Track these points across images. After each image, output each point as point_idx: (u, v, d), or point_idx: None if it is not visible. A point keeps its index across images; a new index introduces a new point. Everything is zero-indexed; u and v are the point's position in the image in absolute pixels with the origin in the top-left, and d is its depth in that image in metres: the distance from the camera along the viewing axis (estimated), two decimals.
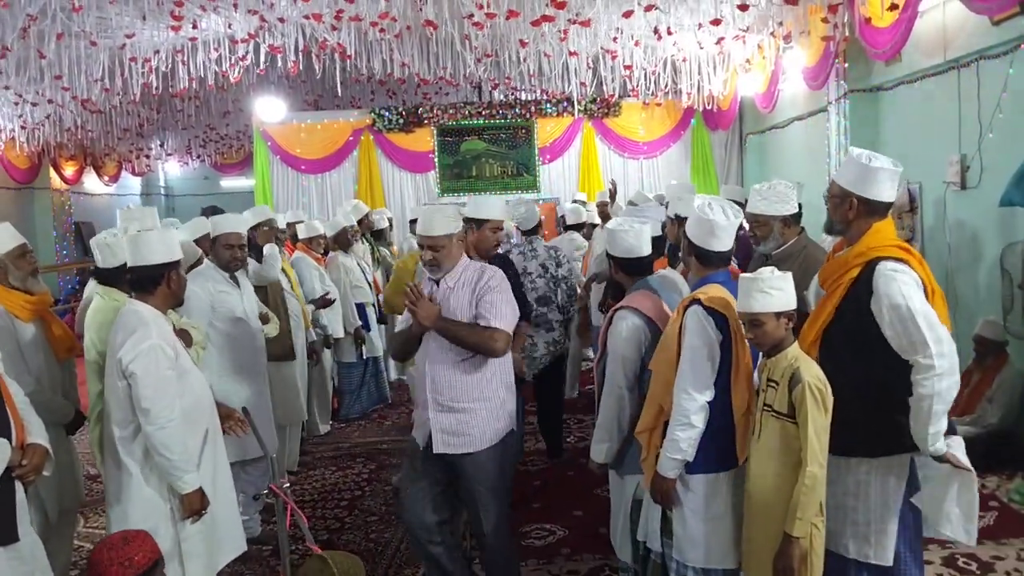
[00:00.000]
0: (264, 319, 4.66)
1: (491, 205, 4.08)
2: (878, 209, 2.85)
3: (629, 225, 3.34)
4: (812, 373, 2.61)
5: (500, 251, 4.41)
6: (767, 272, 2.65)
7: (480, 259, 3.88)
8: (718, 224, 2.95)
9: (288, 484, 2.90)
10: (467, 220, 4.01)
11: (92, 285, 4.00)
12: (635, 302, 3.18)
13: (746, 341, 2.79)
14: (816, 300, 3.06)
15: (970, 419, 5.36)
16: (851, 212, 2.87)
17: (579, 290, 5.96)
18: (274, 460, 2.95)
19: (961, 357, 2.88)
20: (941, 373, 2.63)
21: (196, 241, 4.73)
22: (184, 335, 3.56)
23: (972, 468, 2.76)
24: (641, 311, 3.15)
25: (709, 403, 2.78)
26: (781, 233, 3.65)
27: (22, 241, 3.68)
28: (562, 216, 8.65)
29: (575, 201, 9.08)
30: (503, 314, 3.31)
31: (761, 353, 2.79)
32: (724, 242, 2.97)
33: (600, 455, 3.30)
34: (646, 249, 3.32)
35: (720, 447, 2.83)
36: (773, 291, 2.62)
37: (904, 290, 2.69)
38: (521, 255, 5.53)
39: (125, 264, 3.25)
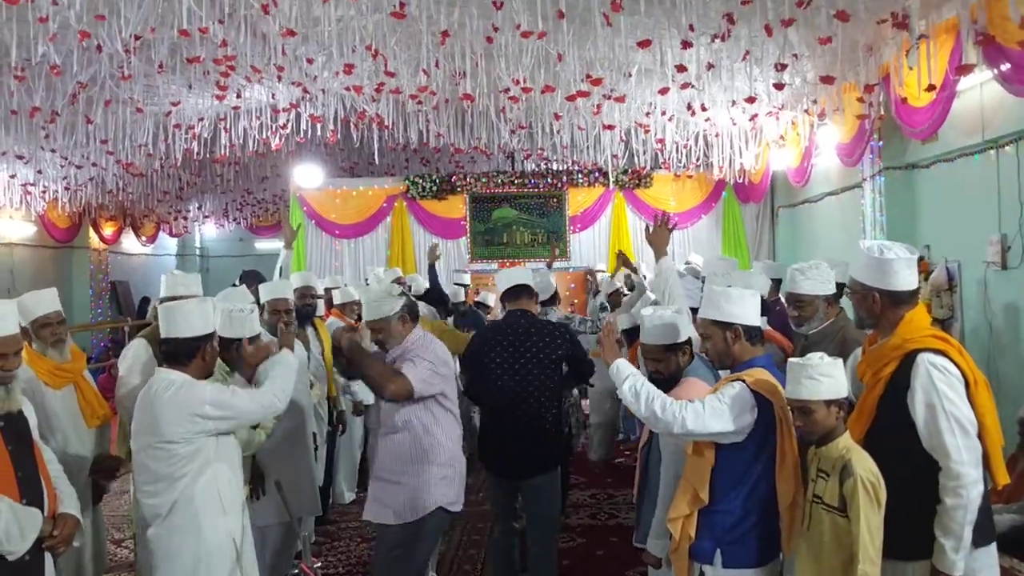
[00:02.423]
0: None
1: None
2: (904, 298, 2.79)
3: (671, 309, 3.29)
4: (865, 466, 2.52)
5: None
6: (816, 358, 2.59)
7: None
8: (757, 299, 2.92)
9: (319, 564, 2.83)
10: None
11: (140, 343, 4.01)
12: (696, 390, 3.09)
13: (792, 429, 2.70)
14: (854, 389, 2.99)
15: (1016, 507, 5.16)
16: (876, 306, 2.82)
17: None
18: (305, 538, 2.88)
19: (1005, 440, 2.80)
20: (972, 482, 2.58)
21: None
22: None
23: None
24: None
25: (749, 493, 2.69)
26: (825, 313, 3.57)
27: (51, 311, 3.69)
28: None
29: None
30: (414, 374, 3.51)
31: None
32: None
33: (659, 550, 3.14)
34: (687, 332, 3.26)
35: (762, 537, 2.73)
36: (823, 378, 2.55)
37: (941, 388, 2.62)
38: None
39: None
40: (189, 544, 3.01)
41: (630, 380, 2.82)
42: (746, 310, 2.89)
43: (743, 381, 2.74)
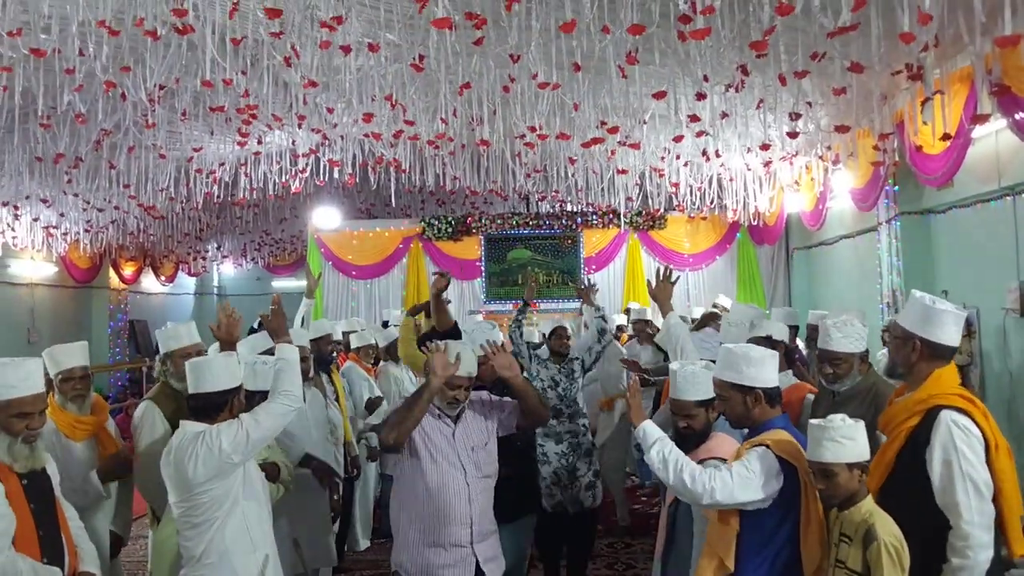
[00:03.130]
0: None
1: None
2: (942, 354, 2.80)
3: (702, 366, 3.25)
4: (888, 531, 2.49)
5: None
6: (838, 420, 2.58)
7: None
8: (776, 359, 2.91)
9: None
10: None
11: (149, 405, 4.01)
12: (726, 445, 3.06)
13: (817, 492, 2.67)
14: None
15: None
16: (914, 354, 2.82)
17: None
18: None
19: None
20: (980, 544, 2.56)
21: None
22: (272, 469, 3.56)
23: None
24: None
25: (773, 560, 2.66)
26: (860, 371, 3.48)
27: (76, 365, 3.73)
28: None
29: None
30: None
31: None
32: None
33: None
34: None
35: None
36: (845, 440, 2.53)
37: (960, 447, 2.61)
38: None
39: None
40: None
41: (658, 446, 2.78)
42: (766, 372, 2.86)
43: (767, 446, 2.71)
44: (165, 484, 3.04)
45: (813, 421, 2.65)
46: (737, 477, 2.65)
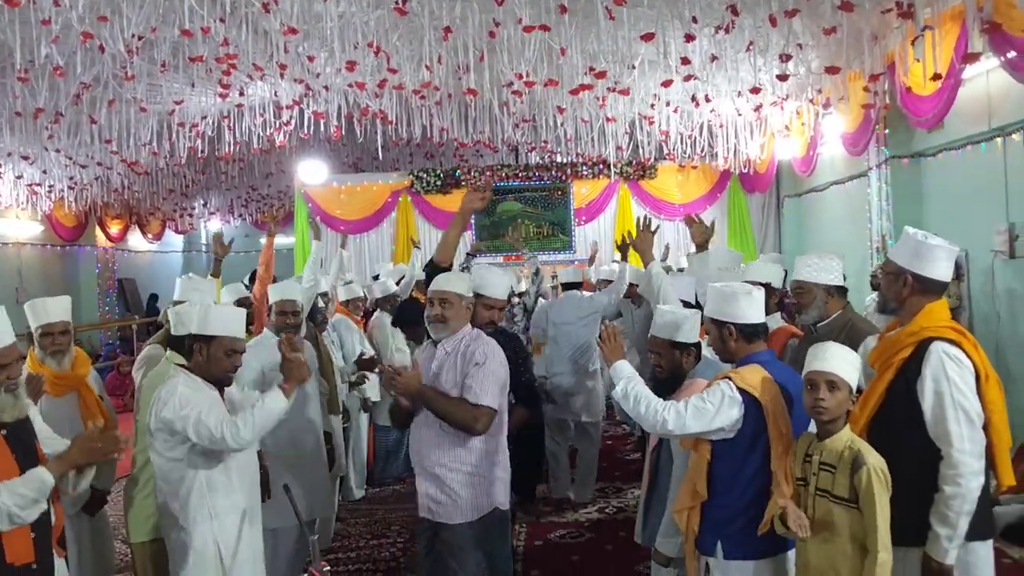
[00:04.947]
0: None
1: (494, 283, 3.84)
2: (933, 288, 2.80)
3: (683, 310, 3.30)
4: (875, 456, 2.53)
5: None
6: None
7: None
8: (756, 297, 2.93)
9: (328, 568, 2.81)
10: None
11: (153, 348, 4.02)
12: (697, 390, 3.10)
13: (785, 421, 2.72)
14: (865, 379, 2.98)
15: None
16: (905, 289, 2.82)
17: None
18: (315, 543, 2.86)
19: (1013, 429, 2.81)
20: (971, 472, 2.58)
21: (240, 303, 4.83)
22: None
23: None
24: None
25: (746, 486, 2.74)
26: (824, 303, 3.52)
27: (56, 320, 3.69)
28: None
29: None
30: (488, 390, 3.19)
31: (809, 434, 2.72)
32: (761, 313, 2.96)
33: (672, 549, 3.16)
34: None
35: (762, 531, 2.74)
36: (857, 363, 2.61)
37: (952, 377, 2.63)
38: None
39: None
40: (172, 544, 3.07)
41: (624, 381, 2.89)
42: (739, 309, 2.91)
43: (729, 379, 2.77)
44: None
45: (828, 343, 2.71)
46: (691, 408, 2.73)
